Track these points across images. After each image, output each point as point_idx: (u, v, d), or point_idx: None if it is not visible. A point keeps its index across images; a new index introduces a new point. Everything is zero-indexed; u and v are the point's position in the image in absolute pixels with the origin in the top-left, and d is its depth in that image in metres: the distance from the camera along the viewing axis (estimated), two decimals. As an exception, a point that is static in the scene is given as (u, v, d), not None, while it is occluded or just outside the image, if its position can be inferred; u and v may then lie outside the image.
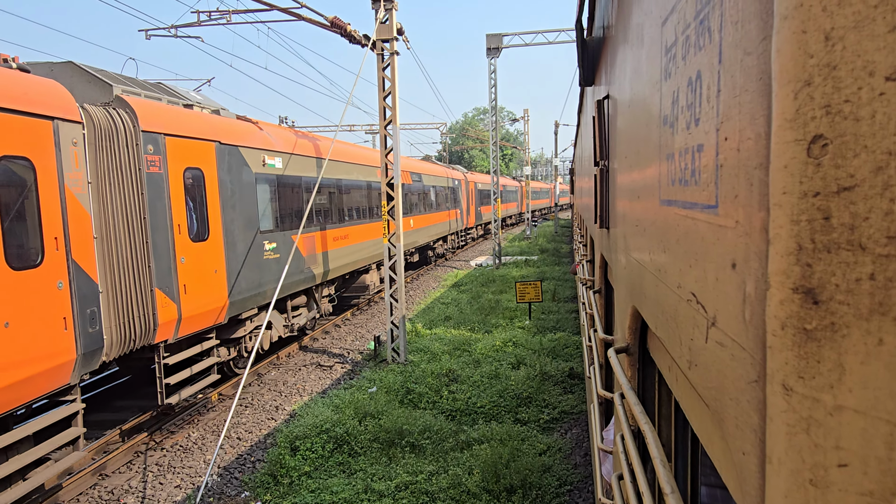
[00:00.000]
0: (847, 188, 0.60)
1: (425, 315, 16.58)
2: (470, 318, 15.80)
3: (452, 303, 18.14)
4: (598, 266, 4.24)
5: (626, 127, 2.16)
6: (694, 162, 1.07)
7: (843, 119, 0.60)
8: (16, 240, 6.00)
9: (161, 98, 9.13)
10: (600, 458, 3.04)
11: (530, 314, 15.25)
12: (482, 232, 41.20)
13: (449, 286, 21.70)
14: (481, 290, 19.98)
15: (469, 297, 19.04)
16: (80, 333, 6.76)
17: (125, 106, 7.92)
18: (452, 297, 19.11)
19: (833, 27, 0.60)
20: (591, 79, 3.83)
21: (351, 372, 11.91)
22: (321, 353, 13.38)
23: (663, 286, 1.39)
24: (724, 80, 0.88)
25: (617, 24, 2.41)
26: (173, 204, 8.44)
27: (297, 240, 10.36)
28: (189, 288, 8.74)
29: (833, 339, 0.62)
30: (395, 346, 12.09)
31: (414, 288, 21.82)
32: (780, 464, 0.68)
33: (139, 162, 7.79)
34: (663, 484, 1.24)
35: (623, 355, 2.21)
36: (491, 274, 23.35)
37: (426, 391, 9.85)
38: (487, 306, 17.26)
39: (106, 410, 9.79)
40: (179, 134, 8.63)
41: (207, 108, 10.22)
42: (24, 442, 6.38)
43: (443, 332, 14.19)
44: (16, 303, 5.91)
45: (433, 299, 19.10)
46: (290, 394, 10.72)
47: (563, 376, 10.36)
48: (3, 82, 5.98)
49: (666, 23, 1.30)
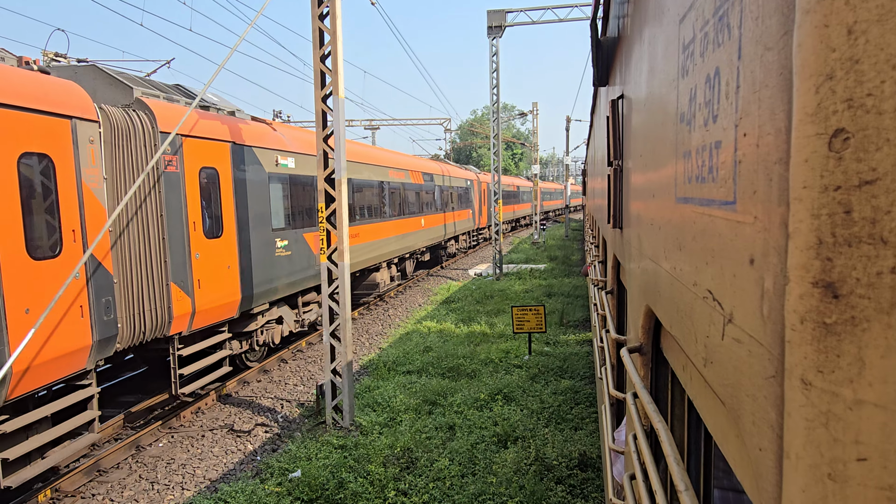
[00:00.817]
0: (869, 182, 0.60)
1: (399, 346, 12.85)
2: (454, 351, 12.14)
3: (436, 328, 14.70)
4: (611, 267, 4.23)
5: (641, 126, 2.16)
6: (711, 159, 1.07)
7: (865, 113, 0.60)
8: (36, 231, 6.33)
9: (179, 100, 9.44)
10: (612, 459, 3.03)
11: (530, 347, 11.85)
12: None
13: (438, 302, 18.32)
14: (474, 310, 16.57)
15: (458, 318, 15.71)
16: (95, 321, 7.09)
17: (144, 108, 8.24)
18: (438, 320, 15.59)
19: (856, 21, 0.60)
20: (606, 79, 3.82)
21: (278, 437, 8.77)
22: (243, 406, 9.92)
23: (678, 284, 1.38)
24: (743, 75, 0.88)
25: (632, 24, 2.40)
26: (189, 202, 8.75)
27: (309, 237, 10.49)
28: (203, 283, 9.03)
29: (853, 333, 0.62)
30: (338, 404, 8.69)
31: (395, 305, 18.31)
32: (798, 459, 0.68)
33: (157, 161, 8.10)
34: (677, 481, 1.24)
35: (636, 355, 2.21)
36: (489, 287, 20.05)
37: (365, 489, 6.61)
38: (479, 334, 13.84)
39: (115, 406, 9.92)
40: (196, 135, 8.95)
41: (223, 110, 10.54)
42: (43, 423, 6.68)
43: (413, 376, 10.70)
44: (36, 290, 6.22)
45: (414, 322, 15.58)
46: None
47: (570, 466, 7.03)
48: (25, 83, 6.25)
49: (684, 20, 1.30)
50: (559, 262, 26.98)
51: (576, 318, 15.58)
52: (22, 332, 6.02)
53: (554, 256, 28.72)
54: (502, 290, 19.55)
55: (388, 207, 18.12)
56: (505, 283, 21.05)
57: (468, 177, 30.40)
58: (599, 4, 3.72)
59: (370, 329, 15.35)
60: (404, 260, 21.26)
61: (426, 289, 21.14)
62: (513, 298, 18.13)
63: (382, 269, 18.23)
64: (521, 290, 19.46)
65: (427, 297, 19.55)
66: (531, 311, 11.54)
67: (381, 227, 17.46)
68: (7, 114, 5.96)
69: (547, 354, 11.80)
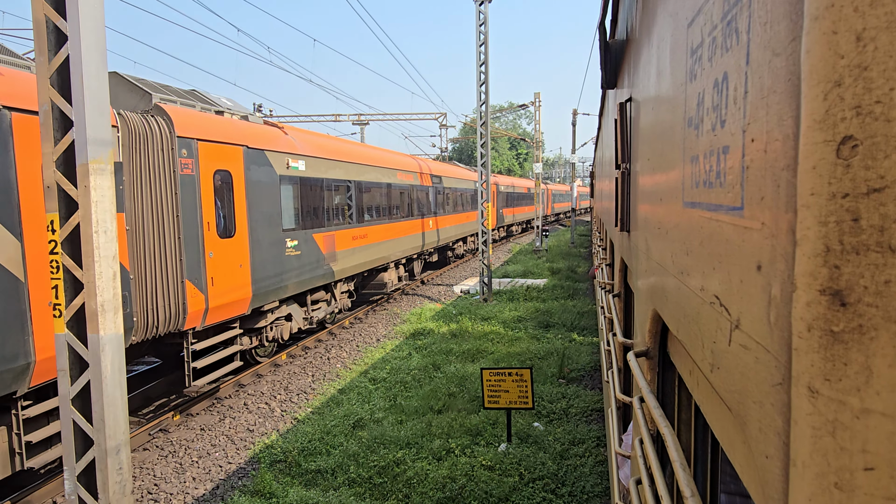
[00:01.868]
0: (877, 189, 0.59)
1: (321, 419, 8.92)
2: (396, 434, 7.98)
3: (385, 381, 10.56)
4: (618, 270, 4.22)
5: (648, 129, 2.15)
6: (719, 164, 1.07)
7: (873, 120, 0.59)
8: None
9: (195, 104, 9.78)
10: (618, 463, 3.02)
11: (510, 431, 7.66)
12: (504, 234, 40.91)
13: (404, 335, 14.10)
14: (445, 350, 12.21)
15: (421, 362, 11.44)
16: None
17: (163, 113, 8.59)
18: (394, 367, 11.42)
19: (865, 27, 0.60)
20: (614, 81, 3.82)
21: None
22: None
23: (685, 289, 1.38)
24: (751, 81, 0.88)
25: (641, 27, 2.40)
26: (203, 203, 9.11)
27: (318, 238, 10.72)
28: (216, 280, 9.39)
29: (861, 342, 0.61)
30: None
31: (349, 339, 13.92)
32: (805, 467, 0.68)
33: (174, 164, 8.50)
34: (683, 487, 1.24)
35: (643, 359, 2.20)
36: (473, 312, 16.03)
37: None
38: (443, 394, 9.43)
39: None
40: (211, 139, 9.30)
41: (237, 114, 10.90)
42: None
43: (317, 490, 6.76)
44: None
45: (360, 371, 11.43)
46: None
47: None
48: None
49: (692, 24, 1.30)
50: (562, 276, 22.61)
51: (581, 364, 10.95)
52: (45, 323, 6.35)
53: (556, 269, 24.19)
54: (487, 316, 15.46)
55: (396, 209, 18.28)
56: (493, 307, 16.76)
57: (476, 178, 30.49)
58: (608, 7, 3.71)
59: (293, 383, 10.93)
60: (412, 260, 21.36)
61: (394, 314, 16.80)
62: (496, 335, 13.51)
63: (391, 269, 18.41)
64: (512, 318, 15.13)
65: (391, 327, 15.09)
66: (512, 375, 7.53)
67: (389, 228, 17.60)
68: (35, 120, 6.25)
69: (535, 442, 7.62)
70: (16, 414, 6.39)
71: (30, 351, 6.22)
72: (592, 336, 13.36)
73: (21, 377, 6.20)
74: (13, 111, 6.13)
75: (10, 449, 6.37)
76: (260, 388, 10.68)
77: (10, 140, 6.07)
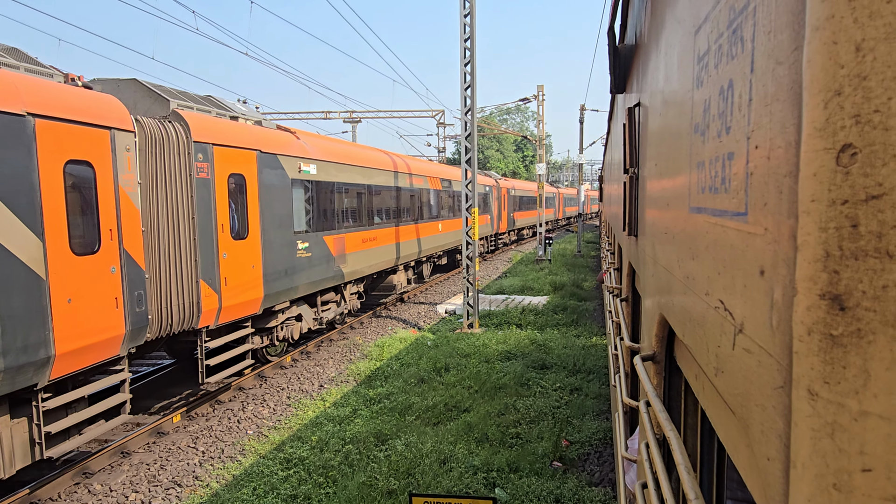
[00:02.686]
0: (875, 196, 0.61)
1: None
2: None
3: (304, 464, 7.43)
4: (626, 274, 4.22)
5: (656, 134, 2.16)
6: (724, 170, 1.08)
7: (872, 129, 0.61)
8: (78, 230, 7.03)
9: (210, 110, 10.11)
10: (624, 467, 3.02)
11: None
12: (515, 237, 40.69)
13: (358, 380, 11.07)
14: (405, 406, 9.21)
15: (366, 429, 8.32)
16: (128, 312, 7.78)
17: (180, 119, 8.94)
18: (325, 436, 8.21)
19: (864, 38, 0.61)
20: (623, 86, 3.82)
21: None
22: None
23: (691, 293, 1.39)
24: (755, 88, 0.89)
25: (649, 33, 2.41)
26: (218, 206, 9.43)
27: (328, 240, 10.95)
28: (229, 281, 9.71)
29: (859, 345, 0.62)
30: None
31: (282, 385, 10.95)
32: (804, 468, 0.69)
33: (190, 168, 8.86)
34: (687, 490, 1.25)
35: (649, 363, 2.20)
36: (453, 344, 12.74)
37: None
38: (380, 491, 6.50)
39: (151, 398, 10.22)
40: (225, 143, 9.62)
41: (251, 119, 11.22)
42: (80, 402, 7.45)
43: None
44: (77, 283, 6.91)
45: (277, 444, 8.29)
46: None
47: None
48: (71, 98, 6.97)
49: (699, 32, 1.31)
50: (566, 292, 19.11)
51: (587, 434, 7.97)
52: (64, 319, 6.69)
53: (559, 283, 20.54)
54: (468, 351, 12.20)
55: (406, 212, 18.47)
56: (478, 336, 13.52)
57: (487, 182, 30.61)
58: (617, 12, 3.72)
59: (171, 465, 7.84)
60: (421, 263, 21.45)
61: (354, 344, 13.57)
62: (475, 380, 10.23)
63: (399, 271, 18.55)
64: (498, 354, 11.94)
65: (344, 366, 12.03)
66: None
67: (399, 231, 17.79)
68: (56, 126, 6.66)
69: None
70: (36, 405, 6.68)
71: (50, 345, 6.50)
72: (602, 384, 9.95)
73: (42, 370, 6.49)
74: (36, 117, 6.44)
75: (30, 439, 6.68)
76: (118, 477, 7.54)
77: (34, 145, 6.40)
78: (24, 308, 6.21)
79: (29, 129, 6.34)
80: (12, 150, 6.14)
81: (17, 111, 6.19)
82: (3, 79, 6.20)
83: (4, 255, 6.03)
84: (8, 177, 6.08)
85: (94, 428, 7.53)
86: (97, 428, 7.54)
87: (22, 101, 6.28)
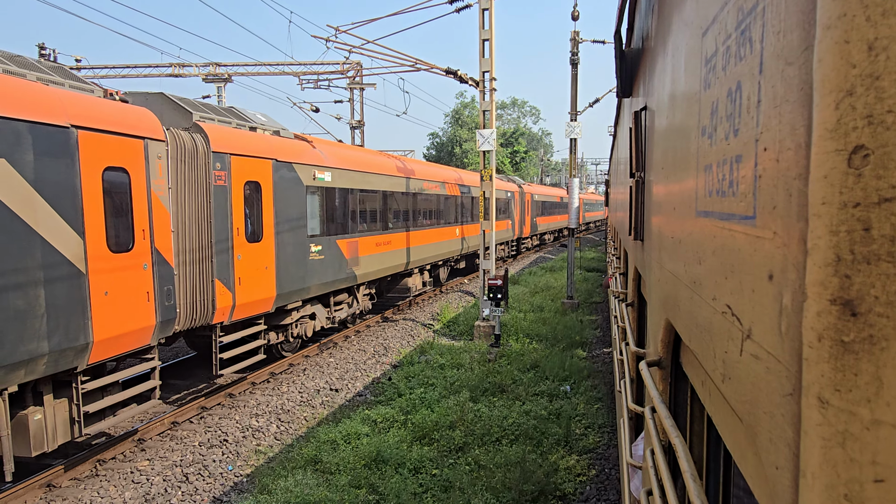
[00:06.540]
0: (888, 199, 0.59)
1: None
2: None
3: None
4: (632, 279, 4.20)
5: (663, 138, 2.15)
6: (732, 173, 1.06)
7: (885, 129, 0.59)
8: (115, 230, 7.73)
9: (231, 121, 10.75)
10: (629, 474, 2.99)
11: None
12: (538, 242, 40.39)
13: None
14: None
15: None
16: (158, 305, 8.44)
17: (200, 131, 9.62)
18: None
19: (877, 37, 0.59)
20: (629, 90, 3.81)
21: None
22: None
23: (698, 298, 1.37)
24: (764, 90, 0.88)
25: (656, 36, 2.40)
26: (234, 211, 10.06)
27: (342, 244, 11.21)
28: (243, 280, 10.28)
29: (871, 352, 0.61)
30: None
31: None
32: (815, 478, 0.67)
33: (209, 176, 9.54)
34: (693, 498, 1.23)
35: (655, 369, 2.18)
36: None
37: None
38: None
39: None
40: (242, 153, 10.25)
41: (269, 129, 11.84)
42: (115, 386, 8.20)
43: None
44: (113, 277, 7.62)
45: None
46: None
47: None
48: (109, 111, 7.70)
49: (706, 34, 1.30)
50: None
51: None
52: (101, 309, 7.38)
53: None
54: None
55: (421, 217, 18.80)
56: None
57: (509, 188, 30.67)
58: (624, 16, 3.71)
59: None
60: (437, 267, 21.63)
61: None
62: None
63: (415, 274, 18.87)
64: None
65: None
66: None
67: (413, 236, 18.08)
68: (96, 136, 7.34)
69: None
70: (76, 387, 7.35)
71: (89, 332, 7.20)
72: None
73: (81, 355, 7.19)
74: (79, 129, 7.08)
75: (70, 418, 7.36)
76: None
77: (77, 153, 7.06)
78: (67, 299, 6.91)
79: (72, 139, 7.03)
80: (58, 158, 6.85)
81: (62, 123, 6.91)
82: (51, 95, 6.90)
83: (50, 251, 6.71)
84: (54, 182, 6.76)
85: (126, 410, 8.23)
86: (129, 410, 8.24)
87: (66, 115, 6.97)
